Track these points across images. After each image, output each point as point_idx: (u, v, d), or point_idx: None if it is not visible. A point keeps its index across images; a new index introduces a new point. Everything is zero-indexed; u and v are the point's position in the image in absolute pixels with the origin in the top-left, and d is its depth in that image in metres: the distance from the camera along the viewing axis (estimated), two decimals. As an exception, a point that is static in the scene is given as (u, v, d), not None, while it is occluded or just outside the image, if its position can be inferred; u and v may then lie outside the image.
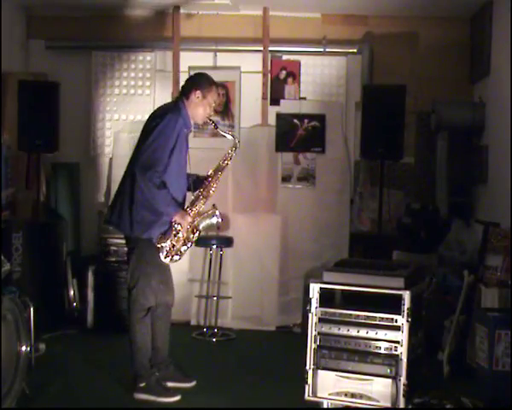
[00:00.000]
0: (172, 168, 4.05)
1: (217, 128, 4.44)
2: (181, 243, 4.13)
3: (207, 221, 4.25)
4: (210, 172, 4.30)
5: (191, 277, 6.09)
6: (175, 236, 4.09)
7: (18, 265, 5.45)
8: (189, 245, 4.17)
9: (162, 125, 4.01)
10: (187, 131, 4.22)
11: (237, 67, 6.37)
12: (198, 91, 4.18)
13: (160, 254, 4.08)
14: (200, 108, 4.20)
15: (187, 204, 4.25)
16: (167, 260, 4.11)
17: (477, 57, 6.36)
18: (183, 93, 4.23)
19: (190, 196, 4.29)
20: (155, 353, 4.27)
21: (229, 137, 4.49)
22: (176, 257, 4.12)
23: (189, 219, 4.13)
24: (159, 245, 4.06)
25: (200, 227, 4.22)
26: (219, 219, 4.26)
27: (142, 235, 4.06)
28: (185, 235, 4.13)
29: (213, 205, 4.29)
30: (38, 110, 5.86)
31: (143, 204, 4.02)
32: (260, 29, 6.34)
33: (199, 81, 4.25)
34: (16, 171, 6.24)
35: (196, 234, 4.20)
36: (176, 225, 4.08)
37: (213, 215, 4.25)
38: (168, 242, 4.08)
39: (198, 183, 4.30)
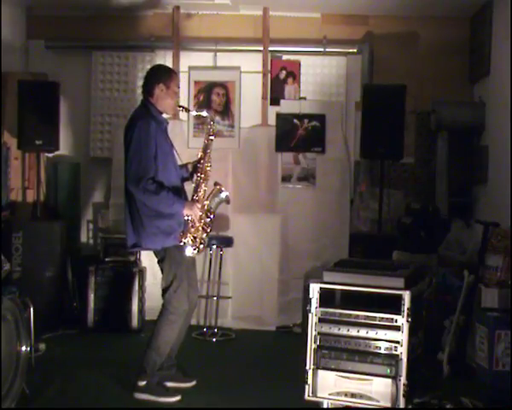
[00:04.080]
0: (163, 167, 4.06)
1: (188, 112, 4.68)
2: (201, 232, 4.15)
3: (216, 199, 4.30)
4: (199, 154, 4.31)
5: (191, 277, 6.09)
6: (192, 227, 4.11)
7: (18, 265, 5.46)
8: (208, 230, 4.20)
9: (136, 135, 4.01)
10: (164, 127, 4.22)
11: (237, 67, 6.37)
12: (160, 84, 4.17)
13: (186, 250, 4.09)
14: (167, 99, 4.20)
15: (191, 193, 4.26)
16: (196, 253, 4.14)
17: (477, 57, 6.36)
18: (147, 92, 4.22)
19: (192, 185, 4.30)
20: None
21: (204, 113, 4.52)
22: (201, 246, 4.16)
23: (198, 206, 4.15)
24: (181, 243, 4.07)
25: (213, 207, 4.26)
26: (227, 193, 4.33)
27: (166, 244, 4.08)
28: (201, 222, 4.15)
29: (215, 183, 4.32)
30: (38, 110, 5.86)
31: (152, 215, 4.04)
32: (260, 29, 6.34)
33: (158, 74, 4.24)
34: (16, 171, 6.25)
35: (211, 216, 4.24)
36: (189, 218, 4.09)
37: (220, 191, 4.30)
38: (189, 236, 4.09)
39: (194, 170, 4.32)
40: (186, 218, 4.09)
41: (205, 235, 4.18)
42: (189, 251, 4.11)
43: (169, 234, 4.07)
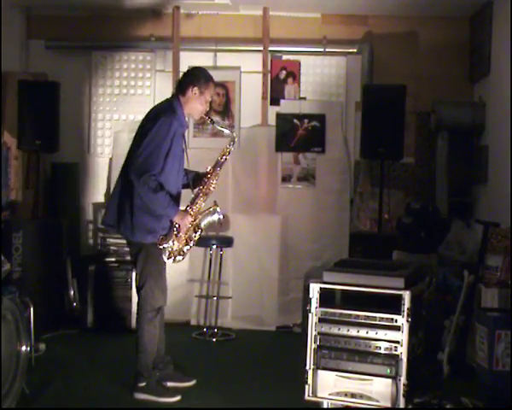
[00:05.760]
0: (169, 169, 4.02)
1: (213, 123, 4.43)
2: (183, 243, 4.12)
3: (209, 219, 4.23)
4: (209, 168, 4.26)
5: (191, 277, 6.09)
6: (176, 236, 4.08)
7: (18, 265, 5.46)
8: (191, 244, 4.16)
9: (156, 129, 3.95)
10: (183, 130, 4.17)
11: (237, 67, 6.38)
12: (195, 87, 4.12)
13: (163, 255, 4.07)
14: (196, 104, 4.15)
15: (187, 202, 4.23)
16: (170, 261, 4.10)
17: (477, 57, 6.36)
18: (180, 89, 4.17)
19: (191, 194, 4.27)
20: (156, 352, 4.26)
21: (227, 131, 4.46)
22: (179, 257, 4.12)
23: (190, 219, 4.12)
24: (161, 247, 4.05)
25: (202, 225, 4.21)
26: (221, 216, 4.25)
27: (145, 240, 4.05)
28: (187, 234, 4.13)
29: (214, 201, 4.27)
30: (38, 110, 5.86)
31: (143, 209, 4.00)
32: (260, 29, 6.34)
33: (196, 77, 4.18)
34: (16, 171, 6.25)
35: (198, 232, 4.19)
36: (177, 226, 4.07)
37: (214, 212, 4.23)
38: (170, 242, 4.07)
39: (197, 180, 4.27)
40: (174, 225, 4.06)
41: (186, 248, 4.14)
42: (164, 257, 4.08)
43: (149, 232, 4.03)
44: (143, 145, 3.96)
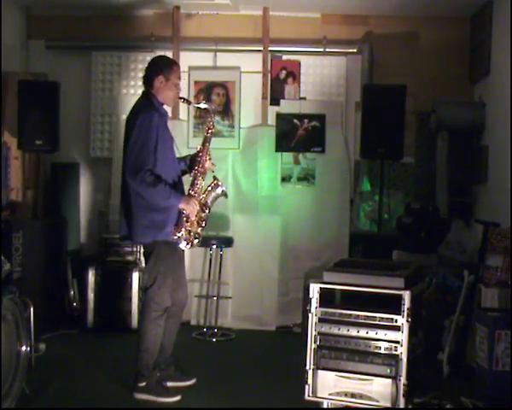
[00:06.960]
0: (163, 160, 4.05)
1: (189, 104, 4.73)
2: (196, 226, 4.14)
3: (213, 194, 4.29)
4: (198, 147, 4.31)
5: (191, 277, 6.08)
6: (187, 221, 4.10)
7: (18, 265, 5.46)
8: (203, 225, 4.19)
9: (138, 126, 4.00)
10: (165, 120, 4.22)
11: (237, 67, 6.38)
12: (160, 76, 4.16)
13: (180, 244, 4.09)
14: (167, 91, 4.18)
15: (187, 186, 4.26)
16: (189, 247, 4.14)
17: (477, 57, 6.36)
18: (148, 84, 4.21)
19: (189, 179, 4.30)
20: (160, 351, 4.25)
21: (204, 105, 4.51)
22: (195, 241, 4.16)
23: (195, 201, 4.14)
24: (175, 237, 4.06)
25: (209, 202, 4.26)
26: (224, 188, 4.32)
27: (157, 237, 4.07)
28: (197, 216, 4.15)
29: (214, 176, 4.32)
30: (38, 110, 5.86)
31: (147, 207, 4.02)
32: (260, 29, 6.34)
33: (158, 66, 4.22)
34: (16, 171, 6.25)
35: (207, 211, 4.23)
36: (184, 212, 4.09)
37: (217, 186, 4.29)
38: (183, 230, 4.08)
39: (192, 163, 4.31)
40: (182, 211, 4.08)
41: (200, 229, 4.18)
42: (183, 245, 4.11)
43: (162, 228, 4.05)
44: (131, 144, 4.02)
